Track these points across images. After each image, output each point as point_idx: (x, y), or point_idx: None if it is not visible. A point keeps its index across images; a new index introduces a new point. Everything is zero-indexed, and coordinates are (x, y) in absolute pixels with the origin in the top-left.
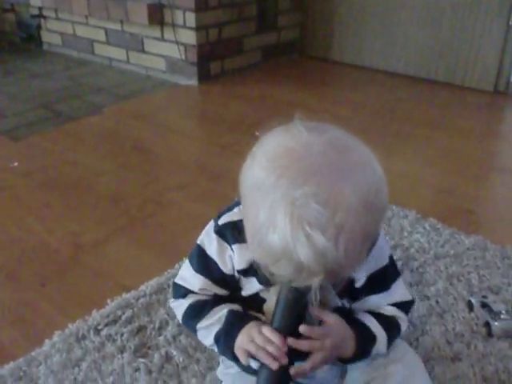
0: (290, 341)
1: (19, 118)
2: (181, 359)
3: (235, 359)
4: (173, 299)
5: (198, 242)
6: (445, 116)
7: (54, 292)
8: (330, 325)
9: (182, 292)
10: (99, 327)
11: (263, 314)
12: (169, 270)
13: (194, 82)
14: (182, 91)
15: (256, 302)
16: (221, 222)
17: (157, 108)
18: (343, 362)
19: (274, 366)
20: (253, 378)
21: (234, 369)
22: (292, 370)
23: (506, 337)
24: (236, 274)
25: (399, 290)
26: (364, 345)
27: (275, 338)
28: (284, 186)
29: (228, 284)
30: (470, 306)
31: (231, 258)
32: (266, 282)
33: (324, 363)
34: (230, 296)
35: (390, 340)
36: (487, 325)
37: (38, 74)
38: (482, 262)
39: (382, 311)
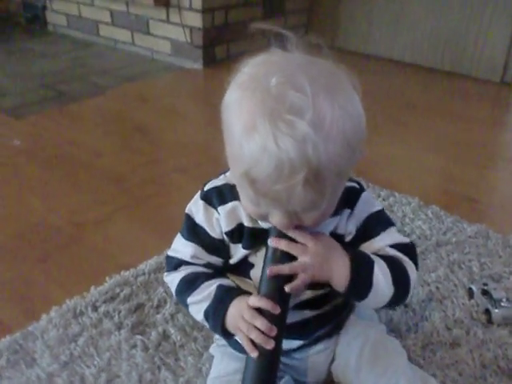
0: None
1: (22, 96)
2: (178, 337)
3: (225, 335)
4: (166, 273)
5: (187, 211)
6: (450, 105)
7: (52, 268)
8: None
9: (174, 263)
10: (97, 304)
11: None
12: None
13: (199, 65)
14: (187, 75)
15: (245, 268)
16: (206, 188)
17: (161, 91)
18: (342, 295)
19: (269, 346)
20: (241, 356)
21: (225, 348)
22: (287, 288)
23: (505, 324)
24: (225, 237)
25: (392, 235)
26: (360, 267)
27: (262, 303)
28: (260, 84)
29: (218, 251)
30: (471, 294)
31: (218, 221)
32: (250, 245)
33: (311, 275)
34: (222, 268)
35: (396, 280)
36: (487, 312)
37: (42, 55)
38: (483, 251)
39: (380, 253)
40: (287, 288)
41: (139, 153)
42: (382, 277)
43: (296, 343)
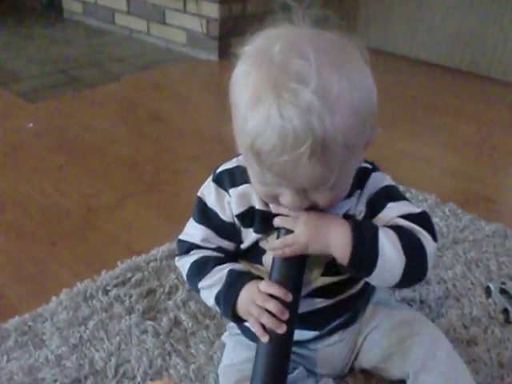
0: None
1: (37, 81)
2: (189, 324)
3: (235, 320)
4: (177, 257)
5: (199, 194)
6: (469, 105)
7: (63, 252)
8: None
9: (185, 247)
10: (108, 288)
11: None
12: None
13: (214, 57)
14: (202, 65)
15: (256, 254)
16: (218, 170)
17: (175, 80)
18: (348, 269)
19: (281, 330)
20: (254, 345)
21: (238, 336)
22: (271, 244)
23: None
24: (236, 221)
25: (401, 206)
26: (362, 235)
27: (274, 289)
28: (264, 56)
29: (229, 234)
30: (488, 292)
31: (229, 204)
32: (261, 229)
33: (305, 245)
34: (234, 253)
35: (407, 249)
36: (505, 311)
37: (58, 41)
38: (501, 250)
39: (389, 224)
40: (273, 253)
41: (152, 140)
42: (388, 244)
43: (310, 334)
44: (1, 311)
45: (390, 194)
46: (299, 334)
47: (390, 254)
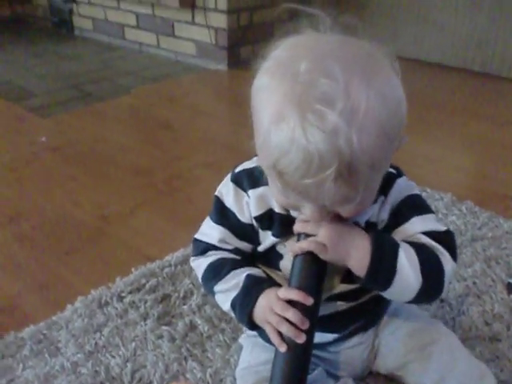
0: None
1: (49, 97)
2: (205, 328)
3: (251, 328)
4: (193, 257)
5: (216, 194)
6: (481, 105)
7: (78, 260)
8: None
9: (201, 248)
10: (122, 294)
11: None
12: None
13: (223, 66)
14: (212, 75)
15: (274, 258)
16: (237, 170)
17: (185, 90)
18: (364, 282)
19: (300, 339)
20: (272, 347)
21: (255, 338)
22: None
23: None
24: (254, 222)
25: (425, 221)
26: (382, 250)
27: (294, 294)
28: (288, 70)
29: (247, 236)
30: (510, 288)
31: (248, 205)
32: (280, 233)
33: (323, 254)
34: (250, 255)
35: (425, 270)
36: None
37: (69, 57)
38: None
39: (410, 239)
40: (292, 252)
41: (164, 149)
42: (407, 263)
43: (330, 336)
44: (16, 320)
45: (415, 206)
46: (319, 337)
47: (408, 273)
